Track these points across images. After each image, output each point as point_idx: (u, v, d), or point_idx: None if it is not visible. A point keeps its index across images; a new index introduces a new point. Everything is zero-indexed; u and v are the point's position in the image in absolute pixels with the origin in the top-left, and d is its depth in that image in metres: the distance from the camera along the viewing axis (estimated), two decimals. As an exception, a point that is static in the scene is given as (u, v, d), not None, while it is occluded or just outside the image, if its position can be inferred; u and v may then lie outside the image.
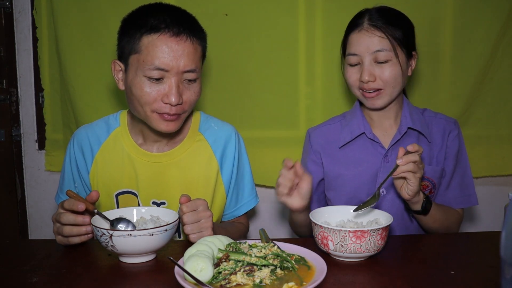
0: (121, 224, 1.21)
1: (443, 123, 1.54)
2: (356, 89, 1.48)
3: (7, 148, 2.17)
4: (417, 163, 1.25)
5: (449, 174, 1.53)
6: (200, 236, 1.21)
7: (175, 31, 1.30)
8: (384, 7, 1.48)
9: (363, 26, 1.43)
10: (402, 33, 1.44)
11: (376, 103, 1.46)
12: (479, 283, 1.02)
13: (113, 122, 1.50)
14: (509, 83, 2.04)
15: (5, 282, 1.05)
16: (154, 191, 1.45)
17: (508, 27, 1.98)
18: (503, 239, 0.73)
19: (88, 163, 1.47)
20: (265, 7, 1.99)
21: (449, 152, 1.52)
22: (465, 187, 1.54)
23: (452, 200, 1.52)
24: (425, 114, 1.57)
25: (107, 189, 1.45)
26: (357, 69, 1.45)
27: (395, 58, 1.42)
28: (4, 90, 2.14)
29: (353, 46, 1.44)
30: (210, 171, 1.48)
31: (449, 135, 1.53)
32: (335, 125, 1.60)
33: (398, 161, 1.25)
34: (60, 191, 1.51)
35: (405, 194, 1.30)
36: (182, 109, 1.34)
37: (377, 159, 1.51)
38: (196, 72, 1.34)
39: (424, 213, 1.36)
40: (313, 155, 1.59)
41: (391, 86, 1.43)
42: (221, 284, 0.97)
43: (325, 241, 1.12)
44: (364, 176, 1.51)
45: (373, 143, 1.52)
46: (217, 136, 1.51)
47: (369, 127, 1.52)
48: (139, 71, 1.31)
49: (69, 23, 2.00)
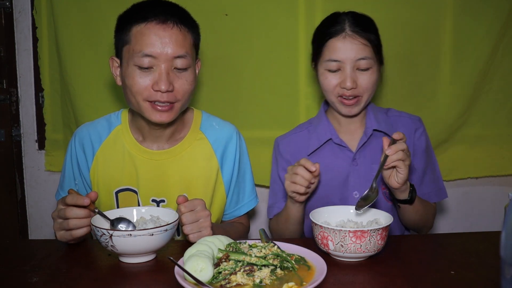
0: (122, 224, 1.21)
1: (407, 121, 1.56)
2: (333, 95, 1.47)
3: (7, 148, 2.17)
4: (405, 150, 1.26)
5: (420, 170, 1.54)
6: (199, 235, 1.21)
7: (162, 19, 1.32)
8: (357, 13, 1.49)
9: (346, 33, 1.42)
10: (377, 39, 1.46)
11: (353, 110, 1.48)
12: (479, 283, 1.02)
13: (115, 120, 1.51)
14: (509, 83, 2.04)
15: (5, 282, 1.05)
16: (154, 188, 1.45)
17: (508, 27, 1.98)
18: (503, 239, 0.73)
19: (88, 160, 1.47)
20: (265, 7, 1.99)
21: (417, 149, 1.54)
22: (436, 181, 1.57)
23: (427, 196, 1.53)
24: (389, 113, 1.58)
25: (107, 186, 1.46)
26: (337, 75, 1.45)
27: (375, 65, 1.44)
28: (4, 90, 2.14)
29: (335, 53, 1.43)
30: (210, 170, 1.48)
31: (416, 133, 1.54)
32: (303, 132, 1.61)
33: (387, 151, 1.25)
34: (61, 188, 1.51)
35: (394, 183, 1.30)
36: (174, 97, 1.34)
37: (346, 163, 1.52)
38: (187, 59, 1.34)
39: (410, 201, 1.37)
40: (284, 163, 1.59)
41: (369, 94, 1.46)
42: (221, 284, 0.97)
43: (325, 241, 1.12)
44: (335, 181, 1.52)
45: (341, 147, 1.53)
46: (218, 135, 1.51)
47: (335, 132, 1.54)
48: (130, 61, 1.33)
49: (69, 23, 2.00)
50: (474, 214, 2.19)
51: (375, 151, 1.51)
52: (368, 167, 1.51)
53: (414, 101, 2.04)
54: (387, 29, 1.96)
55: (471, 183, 2.17)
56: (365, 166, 1.51)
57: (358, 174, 1.51)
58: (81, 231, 1.20)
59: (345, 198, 1.52)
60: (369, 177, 1.48)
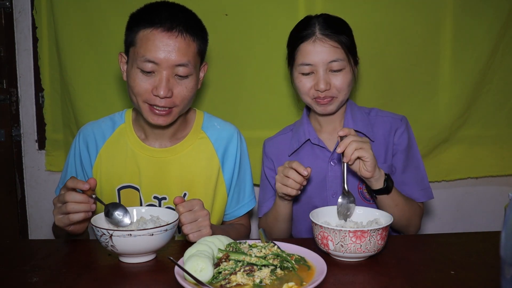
0: (118, 211, 1.22)
1: (389, 121, 1.56)
2: (308, 97, 1.49)
3: (7, 148, 2.17)
4: (356, 140, 1.28)
5: (400, 170, 1.53)
6: (199, 235, 1.22)
7: (168, 26, 1.34)
8: (328, 15, 1.50)
9: (316, 36, 1.44)
10: (350, 40, 1.47)
11: (328, 109, 1.49)
12: (479, 283, 1.02)
13: (119, 119, 1.54)
14: (509, 83, 2.04)
15: (5, 282, 1.05)
16: (155, 186, 1.47)
17: (508, 27, 1.98)
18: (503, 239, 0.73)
19: (92, 157, 1.50)
20: (265, 7, 1.99)
21: (397, 149, 1.54)
22: (420, 181, 1.55)
23: (411, 195, 1.52)
24: (371, 114, 1.59)
25: (110, 183, 1.48)
26: (311, 78, 1.47)
27: (348, 66, 1.45)
28: (4, 90, 2.14)
29: (307, 56, 1.45)
30: (211, 169, 1.50)
31: (396, 132, 1.54)
32: (287, 134, 1.65)
33: (338, 149, 1.28)
34: (62, 184, 1.51)
35: (365, 173, 1.31)
36: (172, 103, 1.37)
37: (324, 163, 1.53)
38: (188, 67, 1.36)
39: (386, 190, 1.36)
40: (268, 163, 1.63)
41: (344, 94, 1.48)
42: (221, 284, 0.97)
43: (325, 241, 1.12)
44: (314, 181, 1.53)
45: (320, 148, 1.55)
46: (220, 135, 1.53)
47: (314, 133, 1.56)
48: (134, 63, 1.36)
49: (69, 23, 2.00)
50: (474, 214, 2.19)
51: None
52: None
53: (414, 101, 2.04)
54: (387, 29, 1.97)
55: (471, 183, 2.17)
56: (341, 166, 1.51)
57: (335, 174, 1.52)
58: (78, 216, 1.19)
59: (324, 198, 1.53)
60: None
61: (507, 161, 2.10)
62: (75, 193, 1.20)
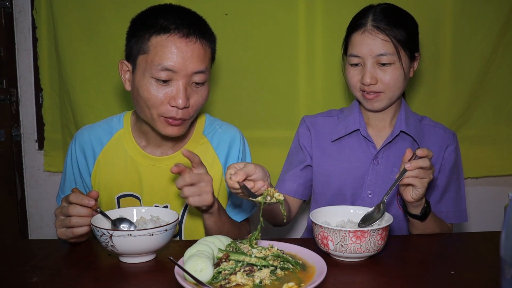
0: (123, 224, 1.21)
1: (441, 134, 1.51)
2: (356, 90, 1.46)
3: (7, 148, 2.17)
4: (426, 168, 1.21)
5: (442, 188, 1.49)
6: (200, 200, 1.19)
7: (185, 32, 1.28)
8: (389, 6, 1.44)
9: (366, 27, 1.40)
10: (406, 35, 1.40)
11: (375, 105, 1.44)
12: (479, 283, 1.02)
13: (116, 123, 1.48)
14: (509, 83, 2.04)
15: (5, 282, 1.05)
16: (157, 194, 1.43)
17: (508, 27, 1.98)
18: (503, 239, 0.73)
19: (89, 164, 1.45)
20: (265, 7, 1.99)
21: (444, 165, 1.49)
22: (458, 202, 1.51)
23: (444, 215, 1.48)
24: (423, 121, 1.54)
25: (109, 191, 1.44)
26: (359, 70, 1.43)
27: (398, 61, 1.39)
28: (4, 90, 2.14)
29: (356, 47, 1.42)
30: (213, 175, 1.46)
31: (447, 148, 1.49)
32: (332, 118, 1.58)
33: (407, 165, 1.19)
34: (62, 191, 1.49)
35: (408, 197, 1.25)
36: (188, 114, 1.32)
37: (367, 159, 1.49)
38: (205, 74, 1.32)
39: (422, 218, 1.33)
40: (304, 140, 1.57)
41: (392, 90, 1.41)
42: (221, 284, 0.97)
43: (325, 241, 1.12)
44: (352, 174, 1.49)
45: (366, 141, 1.50)
46: (221, 139, 1.49)
47: (364, 125, 1.50)
48: (146, 72, 1.29)
49: (69, 23, 2.00)
50: (474, 214, 2.19)
51: (399, 154, 1.47)
52: (388, 169, 1.47)
53: (414, 101, 2.04)
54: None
55: (471, 183, 2.17)
56: (385, 166, 1.47)
57: (377, 174, 1.47)
58: (82, 230, 1.19)
59: (358, 194, 1.48)
60: (387, 179, 1.46)
61: (507, 161, 2.10)
62: (79, 206, 1.18)
